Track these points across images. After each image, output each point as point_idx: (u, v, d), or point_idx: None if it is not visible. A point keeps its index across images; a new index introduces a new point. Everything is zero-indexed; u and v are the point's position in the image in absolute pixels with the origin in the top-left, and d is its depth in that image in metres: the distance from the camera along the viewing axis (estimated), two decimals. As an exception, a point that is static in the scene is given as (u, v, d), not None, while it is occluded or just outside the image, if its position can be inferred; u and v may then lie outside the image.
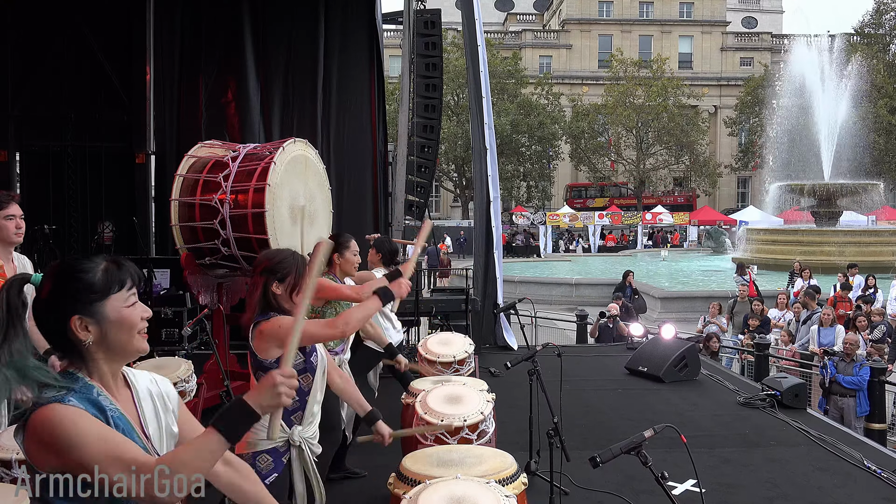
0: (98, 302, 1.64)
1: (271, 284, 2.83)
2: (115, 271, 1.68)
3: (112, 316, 1.65)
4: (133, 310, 1.68)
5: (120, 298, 1.66)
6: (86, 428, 1.53)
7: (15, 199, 3.62)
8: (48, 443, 1.52)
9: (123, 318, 1.66)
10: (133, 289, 1.70)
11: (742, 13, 58.25)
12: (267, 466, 2.73)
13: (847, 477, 4.95)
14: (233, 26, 9.42)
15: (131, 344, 1.69)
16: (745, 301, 11.57)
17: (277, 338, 2.74)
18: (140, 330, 1.70)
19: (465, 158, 38.38)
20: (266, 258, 2.91)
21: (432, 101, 11.13)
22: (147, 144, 9.44)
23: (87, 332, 1.63)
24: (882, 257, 21.49)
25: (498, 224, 9.03)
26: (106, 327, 1.65)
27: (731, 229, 35.94)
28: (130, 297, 1.69)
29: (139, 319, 1.69)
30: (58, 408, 1.53)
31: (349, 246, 4.41)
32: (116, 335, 1.66)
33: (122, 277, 1.68)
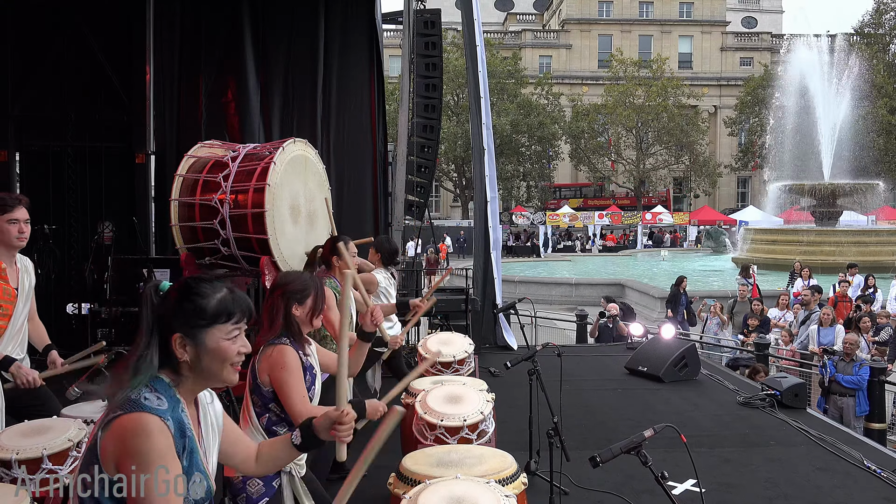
0: (202, 328, 1.71)
1: (292, 307, 2.83)
2: (228, 302, 1.75)
3: (210, 344, 1.72)
4: (231, 343, 1.75)
5: (223, 330, 1.73)
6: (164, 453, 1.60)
7: (22, 203, 3.59)
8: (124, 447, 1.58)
9: (220, 349, 1.73)
10: (240, 322, 1.76)
11: (742, 13, 58.26)
12: (258, 491, 2.72)
13: (847, 477, 4.95)
14: (233, 26, 9.42)
15: (221, 374, 1.76)
16: (745, 301, 11.57)
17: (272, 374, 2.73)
18: (234, 363, 1.77)
19: (465, 158, 38.40)
20: (286, 281, 2.91)
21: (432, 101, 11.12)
22: (147, 144, 9.43)
23: (184, 351, 1.71)
24: (882, 257, 21.50)
25: (496, 224, 9.03)
26: (201, 352, 1.72)
27: (731, 229, 35.95)
28: (234, 331, 1.75)
29: (235, 354, 1.76)
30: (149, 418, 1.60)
31: (347, 246, 4.41)
32: (209, 362, 1.73)
33: (231, 310, 1.74)
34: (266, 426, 2.75)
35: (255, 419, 2.75)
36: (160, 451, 1.59)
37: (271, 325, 2.80)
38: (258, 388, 2.76)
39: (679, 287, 12.64)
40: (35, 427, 3.20)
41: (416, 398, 3.99)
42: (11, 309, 3.56)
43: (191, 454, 1.69)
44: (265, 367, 2.74)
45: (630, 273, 23.37)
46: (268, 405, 2.75)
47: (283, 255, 5.67)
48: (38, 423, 3.27)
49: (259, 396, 2.76)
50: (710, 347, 10.83)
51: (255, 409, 2.77)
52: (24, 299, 3.64)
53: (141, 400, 1.62)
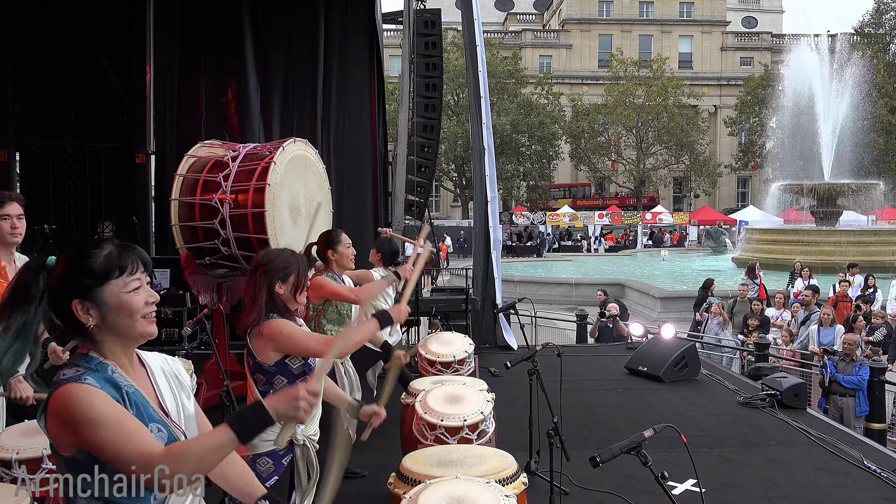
0: (96, 287, 1.66)
1: (275, 285, 2.82)
2: (115, 257, 1.69)
3: (111, 301, 1.67)
4: (134, 295, 1.69)
5: (119, 284, 1.68)
6: (101, 407, 1.57)
7: (14, 199, 3.55)
8: (66, 419, 1.56)
9: (122, 303, 1.68)
10: (136, 273, 1.71)
11: (742, 13, 58.26)
12: (267, 469, 2.73)
13: (847, 477, 4.95)
14: (233, 26, 9.42)
15: (134, 328, 1.71)
16: (745, 301, 11.57)
17: (276, 342, 2.74)
18: (146, 314, 1.72)
19: (465, 158, 38.39)
20: (266, 259, 2.90)
21: (432, 100, 11.12)
22: (147, 144, 9.43)
23: (89, 316, 1.66)
24: (882, 257, 21.50)
25: (496, 224, 9.03)
26: (105, 311, 1.67)
27: (731, 229, 35.95)
28: (132, 283, 1.70)
29: (142, 304, 1.70)
30: (74, 386, 1.58)
31: (341, 240, 4.42)
32: (116, 319, 1.68)
33: (122, 263, 1.69)
34: None
35: (261, 397, 2.75)
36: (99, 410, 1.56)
37: (254, 304, 2.80)
38: (260, 367, 2.77)
39: (707, 290, 12.53)
40: (35, 427, 3.20)
41: (416, 398, 3.99)
42: None
43: (141, 407, 1.67)
44: (261, 345, 2.75)
45: (630, 273, 23.37)
46: (272, 380, 2.77)
47: (283, 255, 5.66)
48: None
49: (263, 374, 2.77)
50: (710, 347, 10.82)
51: (259, 388, 2.78)
52: None
53: (59, 378, 1.61)
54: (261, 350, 2.76)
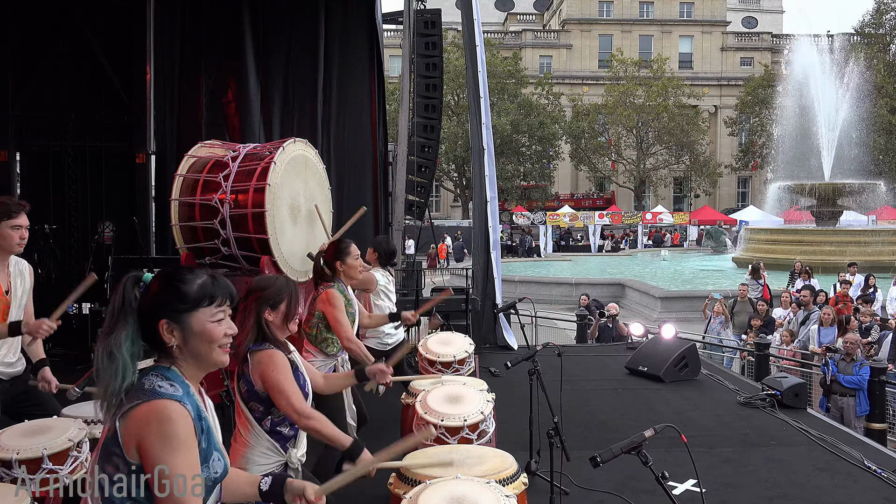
0: (186, 312, 1.78)
1: (264, 312, 2.82)
2: (209, 286, 1.81)
3: (195, 327, 1.79)
4: (216, 325, 1.81)
5: (207, 313, 1.80)
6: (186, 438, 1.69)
7: (25, 209, 3.61)
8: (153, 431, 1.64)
9: (205, 331, 1.80)
10: (223, 305, 1.83)
11: (742, 13, 58.24)
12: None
13: (847, 477, 4.95)
14: (233, 26, 9.42)
15: (210, 356, 1.82)
16: (745, 301, 11.56)
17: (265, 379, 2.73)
18: (222, 344, 1.84)
19: (465, 158, 38.37)
20: (259, 286, 2.90)
21: (432, 100, 11.13)
22: (147, 144, 9.43)
23: (172, 336, 1.78)
24: (882, 257, 21.48)
25: (495, 224, 9.03)
26: (188, 335, 1.79)
27: (732, 229, 35.94)
28: (218, 314, 1.82)
29: (221, 335, 1.82)
30: (171, 403, 1.69)
31: (349, 252, 4.40)
32: (197, 345, 1.80)
33: (213, 293, 1.81)
34: (270, 428, 2.76)
35: (257, 425, 2.75)
36: (183, 435, 1.67)
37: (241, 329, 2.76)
38: (256, 395, 2.76)
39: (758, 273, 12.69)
40: (35, 427, 3.20)
41: (416, 398, 3.99)
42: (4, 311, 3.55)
43: (208, 434, 1.78)
44: (256, 373, 2.74)
45: (630, 273, 23.37)
46: (270, 408, 2.76)
47: (283, 255, 5.67)
48: (38, 423, 3.27)
49: (258, 402, 2.76)
50: (711, 347, 10.82)
51: (255, 416, 2.77)
52: (17, 303, 3.62)
53: (156, 388, 1.70)
54: (256, 378, 2.75)
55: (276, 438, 2.76)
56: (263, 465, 2.73)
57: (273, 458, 2.75)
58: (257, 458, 2.73)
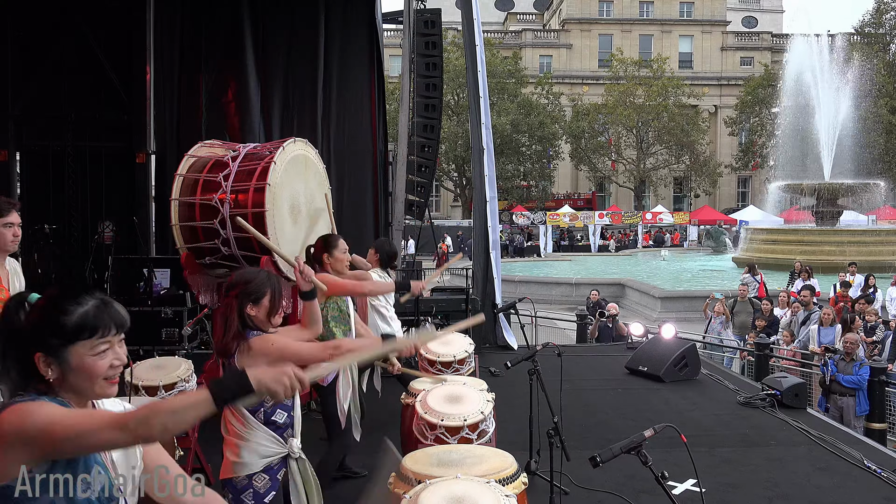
0: (62, 346, 1.62)
1: (245, 307, 2.79)
2: (90, 317, 1.64)
3: (73, 362, 1.63)
4: (98, 359, 1.65)
5: (86, 346, 1.64)
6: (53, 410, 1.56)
7: (15, 208, 3.60)
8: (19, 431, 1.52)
9: (84, 365, 1.64)
10: (107, 336, 1.66)
11: (742, 13, 58.22)
12: (265, 485, 2.74)
13: (847, 476, 4.95)
14: (233, 26, 9.42)
15: (92, 390, 1.67)
16: (745, 301, 11.55)
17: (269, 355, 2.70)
18: (108, 377, 1.68)
19: (465, 158, 38.38)
20: (240, 281, 2.86)
21: (432, 100, 11.14)
22: (147, 144, 9.43)
23: (49, 370, 1.63)
24: (882, 257, 21.47)
25: (495, 224, 9.03)
26: (66, 370, 1.63)
27: (732, 229, 35.94)
28: (100, 346, 1.65)
29: (105, 368, 1.66)
30: (25, 403, 1.56)
31: (337, 245, 4.41)
32: (76, 380, 1.65)
33: (94, 325, 1.64)
34: (265, 419, 2.77)
35: (251, 417, 2.75)
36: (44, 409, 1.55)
37: (226, 329, 2.75)
38: None
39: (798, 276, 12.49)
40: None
41: (416, 398, 3.99)
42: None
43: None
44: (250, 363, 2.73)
45: (630, 273, 23.37)
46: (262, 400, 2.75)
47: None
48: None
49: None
50: (711, 347, 10.82)
51: (248, 408, 2.77)
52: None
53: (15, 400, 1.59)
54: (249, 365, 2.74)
55: (273, 428, 2.76)
56: (266, 457, 2.74)
57: (274, 448, 2.76)
58: (259, 449, 2.73)
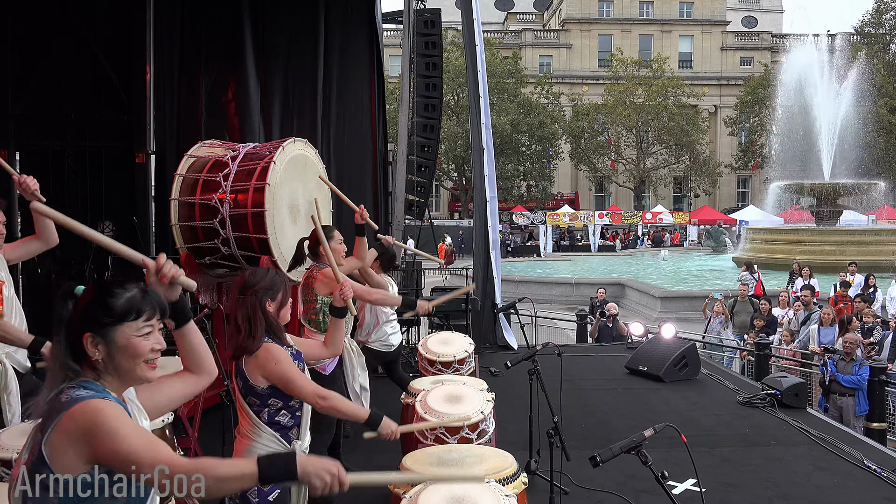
0: (111, 326, 1.75)
1: (265, 304, 2.82)
2: (137, 300, 1.78)
3: (120, 341, 1.76)
4: (142, 340, 1.78)
5: (133, 327, 1.77)
6: (126, 420, 1.67)
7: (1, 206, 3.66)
8: (89, 431, 1.61)
9: (130, 345, 1.76)
10: (151, 320, 1.80)
11: (742, 13, 58.22)
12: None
13: (847, 476, 4.95)
14: (233, 26, 9.41)
15: (134, 371, 1.79)
16: (745, 301, 11.55)
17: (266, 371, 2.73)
18: (149, 360, 1.80)
19: (465, 158, 38.37)
20: (255, 280, 2.89)
21: (432, 100, 11.14)
22: (147, 144, 9.42)
23: (96, 350, 1.74)
24: (882, 257, 21.47)
25: (495, 224, 9.03)
26: (113, 350, 1.75)
27: (731, 229, 35.94)
28: (144, 328, 1.78)
29: (147, 350, 1.79)
30: (100, 401, 1.66)
31: (333, 236, 4.41)
32: (121, 359, 1.76)
33: (140, 307, 1.78)
34: (269, 420, 2.78)
35: (256, 417, 2.78)
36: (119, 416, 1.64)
37: (251, 326, 2.77)
38: (252, 390, 2.77)
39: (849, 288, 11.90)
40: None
41: (416, 398, 3.99)
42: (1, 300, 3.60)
43: None
44: (254, 368, 2.75)
45: (630, 273, 23.37)
46: (266, 402, 2.78)
47: (283, 255, 5.66)
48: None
49: (255, 396, 2.78)
50: (711, 347, 10.82)
51: (253, 409, 2.79)
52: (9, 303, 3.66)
53: (73, 397, 1.66)
54: (252, 373, 2.75)
55: (277, 429, 2.78)
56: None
57: (277, 449, 2.76)
58: (262, 449, 2.74)
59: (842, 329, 8.76)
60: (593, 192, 50.88)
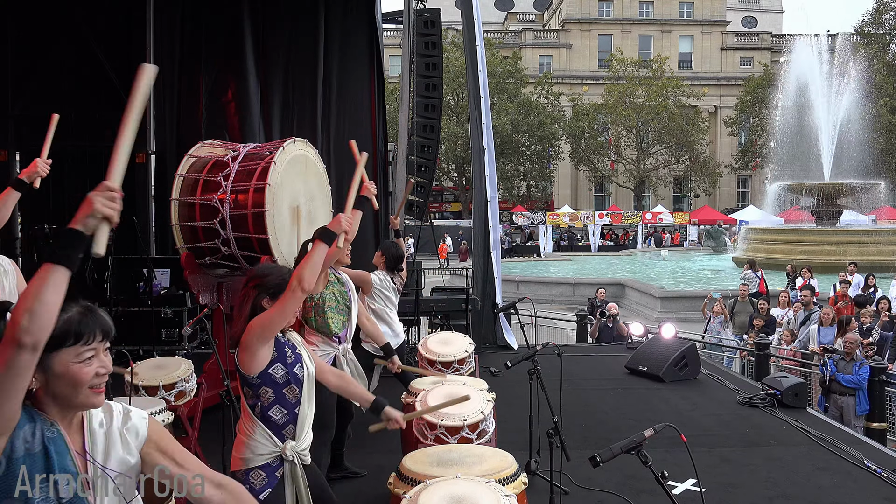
0: (47, 353, 1.56)
1: (261, 300, 2.80)
2: (74, 323, 1.63)
3: (58, 369, 1.61)
4: (83, 366, 1.63)
5: (70, 353, 1.62)
6: None
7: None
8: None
9: (69, 373, 1.62)
10: (92, 342, 1.65)
11: (742, 13, 58.24)
12: (261, 482, 2.73)
13: (847, 476, 4.95)
14: (233, 26, 9.42)
15: (77, 398, 1.65)
16: (745, 301, 11.56)
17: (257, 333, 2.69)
18: (93, 385, 1.65)
19: (465, 158, 38.38)
20: (259, 273, 2.89)
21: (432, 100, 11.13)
22: (147, 144, 9.43)
23: (33, 379, 1.58)
24: (882, 257, 21.48)
25: (495, 224, 9.03)
26: (50, 378, 1.61)
27: (731, 229, 35.94)
28: (85, 353, 1.64)
29: (90, 376, 1.64)
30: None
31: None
32: (60, 388, 1.62)
33: (79, 330, 1.63)
34: (261, 414, 2.76)
35: (250, 410, 2.78)
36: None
37: (241, 317, 2.78)
38: (245, 380, 2.77)
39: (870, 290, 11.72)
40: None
41: (416, 398, 3.99)
42: None
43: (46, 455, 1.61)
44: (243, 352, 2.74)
45: (630, 273, 23.37)
46: (257, 392, 2.76)
47: (284, 255, 5.67)
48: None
49: (249, 387, 2.77)
50: (711, 347, 10.82)
51: (248, 402, 2.79)
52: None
53: None
54: (245, 361, 2.74)
55: (269, 426, 2.74)
56: (262, 454, 2.73)
57: (269, 447, 2.73)
58: (255, 446, 2.73)
59: (840, 329, 8.77)
60: (593, 192, 50.91)
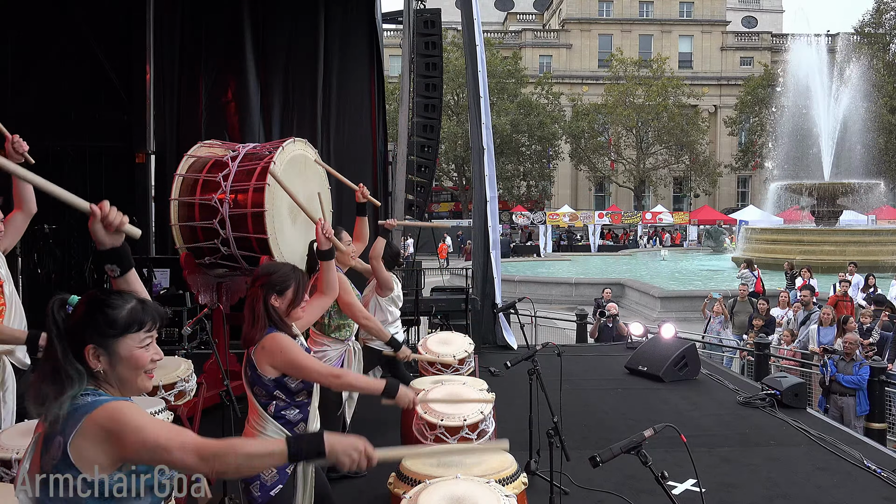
0: (114, 338, 1.75)
1: (270, 298, 2.83)
2: (138, 312, 1.79)
3: (123, 353, 1.77)
4: (144, 351, 1.80)
5: (135, 339, 1.78)
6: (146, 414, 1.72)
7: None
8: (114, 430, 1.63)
9: (133, 357, 1.78)
10: (151, 331, 1.82)
11: (742, 13, 58.23)
12: (272, 478, 2.74)
13: (847, 476, 4.95)
14: (233, 26, 9.41)
15: (135, 382, 1.81)
16: (745, 301, 11.55)
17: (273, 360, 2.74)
18: (148, 370, 1.82)
19: (465, 158, 38.38)
20: (265, 272, 2.91)
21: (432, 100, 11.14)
22: (147, 144, 9.43)
23: (98, 362, 1.75)
24: (882, 257, 21.48)
25: (495, 223, 9.02)
26: (115, 361, 1.77)
27: (731, 229, 35.94)
28: (146, 339, 1.80)
29: (148, 360, 1.81)
30: (118, 401, 1.70)
31: (341, 237, 4.42)
32: (123, 371, 1.78)
33: (143, 319, 1.79)
34: (275, 413, 2.78)
35: (263, 410, 2.78)
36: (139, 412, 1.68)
37: (254, 319, 2.80)
38: (259, 380, 2.77)
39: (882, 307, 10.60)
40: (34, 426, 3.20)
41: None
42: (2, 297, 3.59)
43: None
44: (262, 358, 2.75)
45: (630, 273, 23.37)
46: (273, 393, 2.77)
47: (283, 255, 5.66)
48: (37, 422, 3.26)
49: (262, 387, 2.78)
50: (711, 347, 10.82)
51: (260, 401, 2.79)
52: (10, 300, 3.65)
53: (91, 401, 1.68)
54: (261, 363, 2.76)
55: (283, 423, 2.77)
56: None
57: None
58: None
59: (839, 329, 8.77)
60: (593, 192, 50.91)
